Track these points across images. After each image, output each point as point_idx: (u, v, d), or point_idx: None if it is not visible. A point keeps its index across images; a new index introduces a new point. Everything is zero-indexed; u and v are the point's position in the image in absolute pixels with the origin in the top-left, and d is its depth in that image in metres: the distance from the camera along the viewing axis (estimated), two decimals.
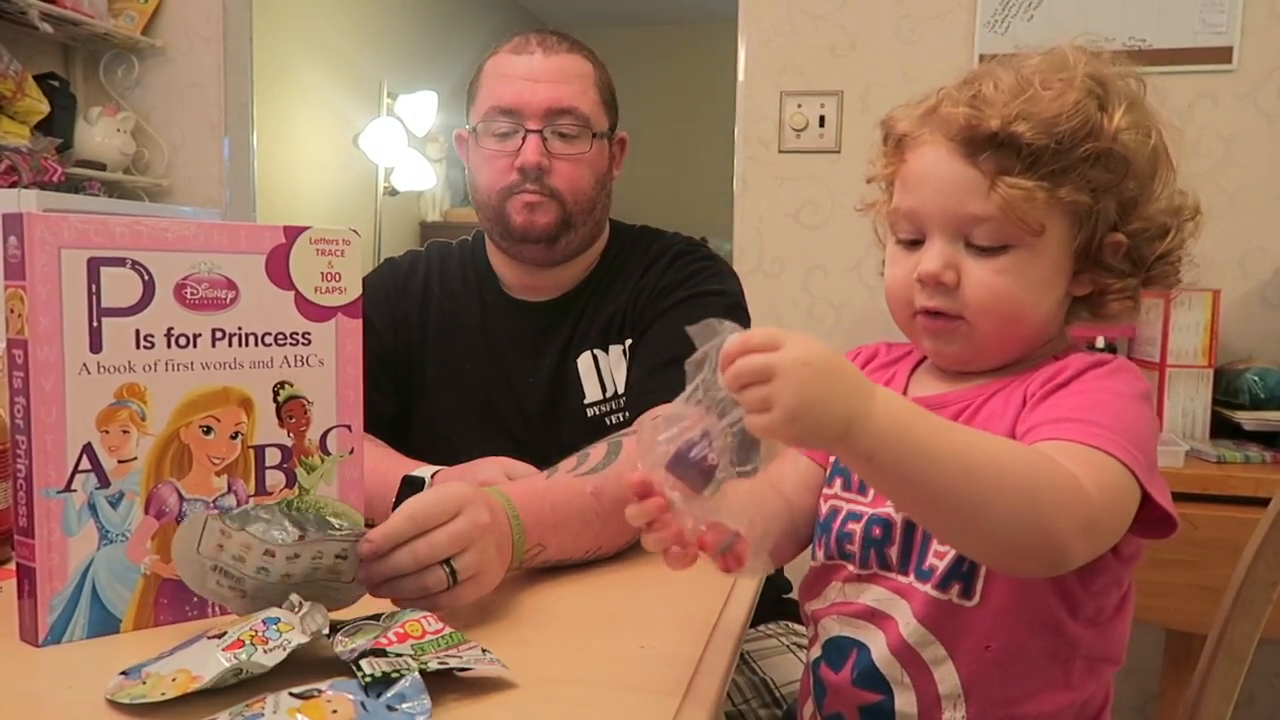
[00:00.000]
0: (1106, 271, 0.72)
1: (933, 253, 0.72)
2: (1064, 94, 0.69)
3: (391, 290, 1.27)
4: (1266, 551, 0.87)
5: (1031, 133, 0.68)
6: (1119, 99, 0.71)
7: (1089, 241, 0.71)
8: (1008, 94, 0.70)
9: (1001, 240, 0.70)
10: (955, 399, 0.76)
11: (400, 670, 0.62)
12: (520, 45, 1.21)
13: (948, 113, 0.71)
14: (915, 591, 0.74)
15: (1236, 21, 2.02)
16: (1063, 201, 0.69)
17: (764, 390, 0.56)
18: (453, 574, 0.76)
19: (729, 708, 1.14)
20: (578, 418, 1.19)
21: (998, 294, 0.71)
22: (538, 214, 1.17)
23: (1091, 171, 0.69)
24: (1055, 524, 0.60)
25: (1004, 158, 0.69)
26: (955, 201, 0.70)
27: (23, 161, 2.22)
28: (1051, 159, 0.68)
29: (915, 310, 0.74)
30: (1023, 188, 0.68)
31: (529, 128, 1.17)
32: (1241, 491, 1.58)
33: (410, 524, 0.76)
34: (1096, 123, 0.69)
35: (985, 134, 0.69)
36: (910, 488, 0.60)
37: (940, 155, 0.71)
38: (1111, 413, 0.67)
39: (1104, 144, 0.69)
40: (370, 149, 4.04)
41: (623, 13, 5.62)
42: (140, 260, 0.74)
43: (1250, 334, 2.03)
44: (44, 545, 0.72)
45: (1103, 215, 0.70)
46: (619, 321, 1.21)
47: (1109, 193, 0.70)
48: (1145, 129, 0.71)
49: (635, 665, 0.72)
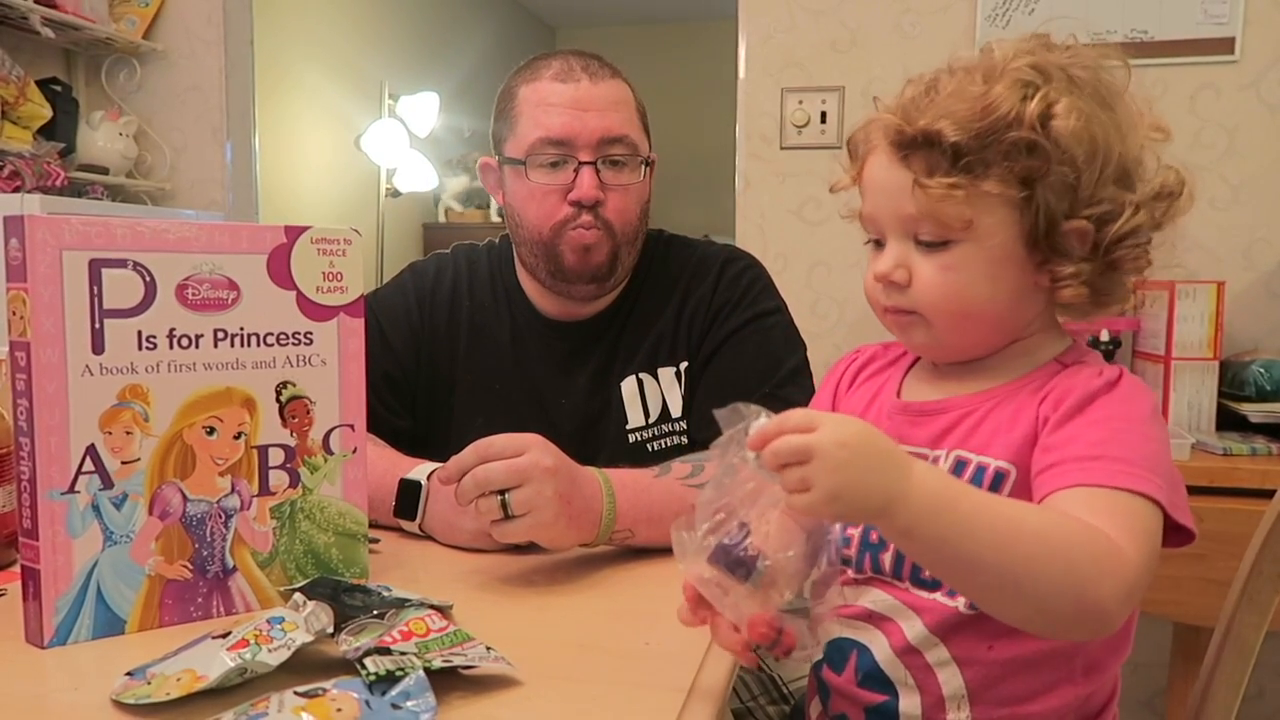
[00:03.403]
0: (1065, 258, 0.72)
1: (885, 254, 0.75)
2: (988, 89, 0.70)
3: (414, 304, 1.23)
4: (1273, 544, 0.86)
5: (952, 129, 0.69)
6: (1055, 85, 0.71)
7: (1038, 229, 0.71)
8: (933, 95, 0.72)
9: (942, 236, 0.72)
10: (956, 405, 0.76)
11: (404, 668, 0.62)
12: (563, 72, 1.15)
13: (883, 119, 0.73)
14: (917, 599, 0.75)
15: (1239, 12, 2.02)
16: (990, 195, 0.69)
17: (803, 471, 0.57)
18: (505, 506, 0.85)
19: (736, 704, 1.13)
20: (617, 442, 1.17)
21: (944, 289, 0.72)
22: (592, 254, 1.15)
23: (1018, 162, 0.69)
24: (1098, 595, 0.61)
25: (932, 157, 0.70)
26: (895, 203, 0.73)
27: (25, 166, 2.23)
28: (972, 154, 0.69)
29: (882, 308, 0.77)
30: (940, 186, 0.69)
31: (582, 159, 1.13)
32: (1248, 484, 1.57)
33: (475, 454, 0.87)
34: (1018, 112, 0.69)
35: (910, 136, 0.71)
36: (948, 562, 0.62)
37: (882, 161, 0.74)
38: (1131, 444, 0.68)
39: (1025, 133, 0.68)
40: (372, 150, 4.04)
41: (623, 12, 5.62)
42: (141, 261, 0.74)
43: (1255, 325, 2.03)
44: (48, 547, 0.72)
45: (1043, 203, 0.70)
46: (668, 343, 1.19)
47: (1042, 180, 0.70)
48: (1081, 113, 0.70)
49: (641, 661, 0.72)
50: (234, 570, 0.80)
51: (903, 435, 0.77)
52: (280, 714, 0.58)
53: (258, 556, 0.81)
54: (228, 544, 0.79)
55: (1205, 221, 2.06)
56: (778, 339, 1.18)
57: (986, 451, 0.73)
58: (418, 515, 1.00)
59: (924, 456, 0.75)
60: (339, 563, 0.85)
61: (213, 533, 0.78)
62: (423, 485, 1.00)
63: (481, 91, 1.57)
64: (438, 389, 1.22)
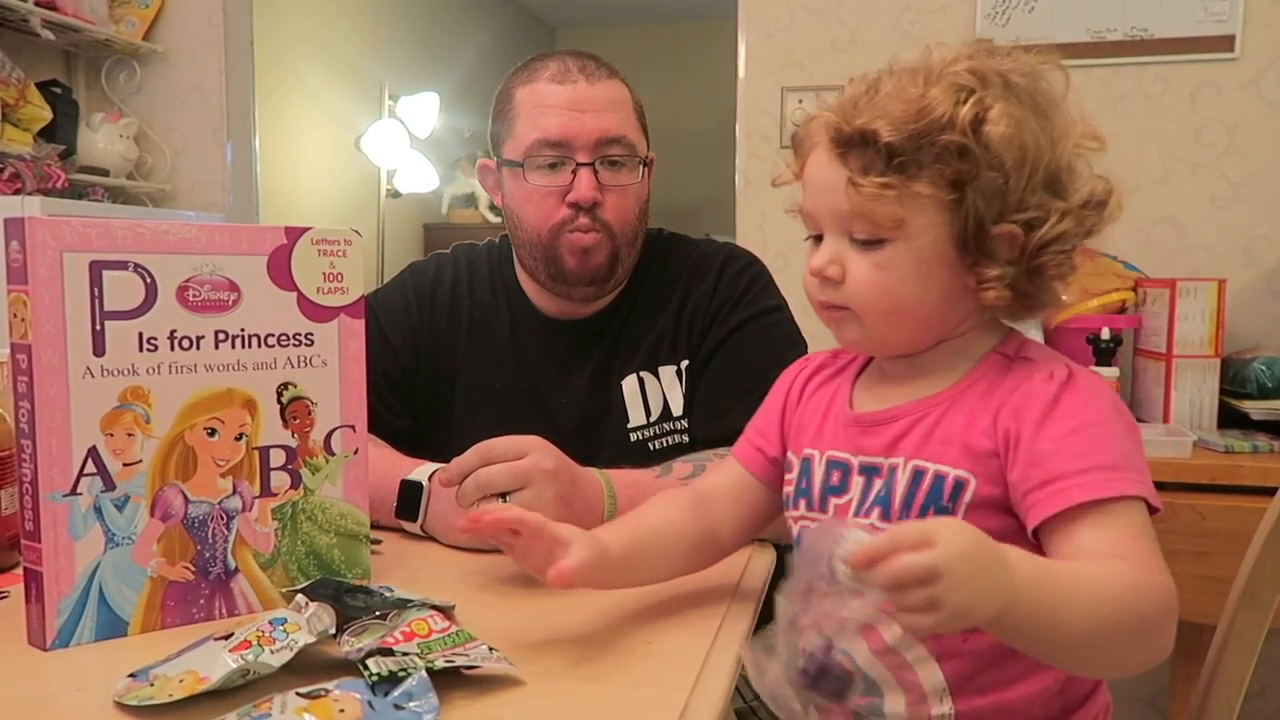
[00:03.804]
0: (989, 261, 0.73)
1: (821, 250, 0.76)
2: (925, 92, 0.71)
3: (414, 303, 1.23)
4: (1275, 542, 0.86)
5: (888, 129, 0.70)
6: (991, 91, 0.71)
7: (967, 232, 0.72)
8: (873, 95, 0.73)
9: (876, 234, 0.73)
10: (906, 412, 0.77)
11: (407, 669, 0.62)
12: (560, 73, 1.15)
13: (823, 117, 0.75)
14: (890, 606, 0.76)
15: (1239, 9, 2.01)
16: (921, 196, 0.70)
17: (929, 592, 0.56)
18: None
19: (739, 704, 1.14)
20: (618, 441, 1.17)
21: (874, 286, 0.74)
22: (591, 255, 1.15)
23: (949, 164, 0.70)
24: (1164, 640, 0.66)
25: (867, 156, 0.71)
26: (832, 200, 0.74)
27: (26, 169, 2.23)
28: (905, 153, 0.70)
29: (817, 303, 0.78)
30: (872, 185, 0.70)
31: (580, 160, 1.13)
32: (1250, 481, 1.57)
33: (477, 457, 0.89)
34: (951, 116, 0.70)
35: (847, 135, 0.72)
36: (1043, 640, 0.63)
37: (821, 158, 0.75)
38: (1110, 447, 0.70)
39: (956, 137, 0.69)
40: (372, 151, 4.04)
41: (623, 11, 5.62)
42: (142, 263, 0.74)
43: (1256, 323, 2.03)
44: (50, 549, 0.72)
45: (973, 206, 0.71)
46: (669, 341, 1.19)
47: (972, 184, 0.71)
48: (1013, 118, 0.71)
49: (643, 661, 0.72)
50: (236, 571, 0.80)
51: (858, 446, 0.78)
52: (283, 715, 0.58)
53: (260, 558, 0.81)
54: (229, 545, 0.79)
55: (1206, 219, 2.06)
56: (778, 337, 1.18)
57: (943, 460, 0.74)
58: (419, 516, 1.00)
59: (879, 465, 0.76)
60: (341, 564, 0.85)
61: (214, 534, 0.78)
62: (424, 486, 1.00)
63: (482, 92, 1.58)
64: (438, 389, 1.23)
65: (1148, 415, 1.86)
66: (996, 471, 0.72)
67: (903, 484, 0.74)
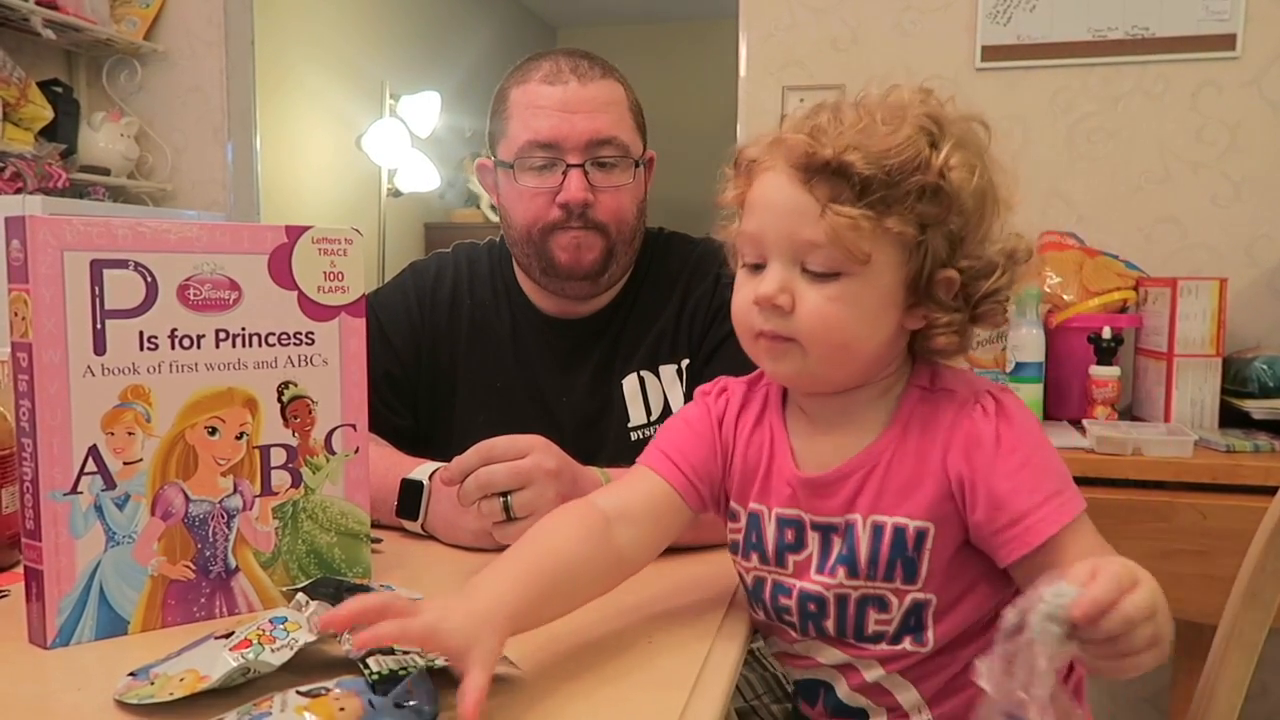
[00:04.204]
0: (937, 306, 0.73)
1: (770, 277, 0.73)
2: (898, 129, 0.71)
3: (414, 303, 1.23)
4: (1277, 541, 0.86)
5: (863, 162, 0.69)
6: (950, 139, 0.72)
7: (919, 274, 0.72)
8: (844, 125, 0.72)
9: (834, 267, 0.71)
10: (854, 467, 0.76)
11: (407, 667, 0.62)
12: (552, 74, 1.14)
13: (789, 140, 0.73)
14: (868, 651, 0.77)
15: (1240, 8, 2.01)
16: (890, 232, 0.70)
17: (1151, 627, 0.58)
18: (508, 509, 0.86)
19: (740, 703, 1.13)
20: (619, 440, 1.17)
21: (828, 320, 0.72)
22: (584, 251, 1.14)
23: (919, 205, 0.70)
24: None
25: (836, 185, 0.70)
26: (791, 225, 0.72)
27: (27, 168, 2.23)
28: (879, 188, 0.70)
29: (756, 332, 0.75)
30: (850, 215, 0.70)
31: (570, 161, 1.12)
32: (1251, 481, 1.57)
33: (478, 456, 0.88)
34: (925, 158, 0.70)
35: (819, 161, 0.71)
36: (1162, 655, 0.63)
37: (780, 181, 0.73)
38: (1050, 469, 0.73)
39: (931, 179, 0.70)
40: (373, 150, 4.04)
41: (624, 10, 5.62)
42: (143, 262, 0.74)
43: (1258, 322, 2.03)
44: (51, 548, 0.72)
45: (931, 249, 0.72)
46: (668, 340, 1.19)
47: (936, 227, 0.71)
48: (973, 168, 0.72)
49: (643, 659, 0.72)
50: (236, 570, 0.80)
51: (810, 506, 0.77)
52: (283, 714, 0.58)
53: (260, 556, 0.81)
54: (230, 544, 0.79)
55: (1207, 218, 2.06)
56: None
57: (898, 512, 0.74)
58: (420, 515, 1.00)
59: (836, 524, 0.76)
60: (341, 563, 0.85)
61: (215, 533, 0.78)
62: (425, 485, 1.00)
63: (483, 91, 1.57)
64: (439, 388, 1.22)
65: (1149, 415, 1.86)
66: (952, 513, 0.73)
67: (865, 541, 0.75)
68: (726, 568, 0.89)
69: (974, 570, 0.75)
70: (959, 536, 0.74)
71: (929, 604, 0.75)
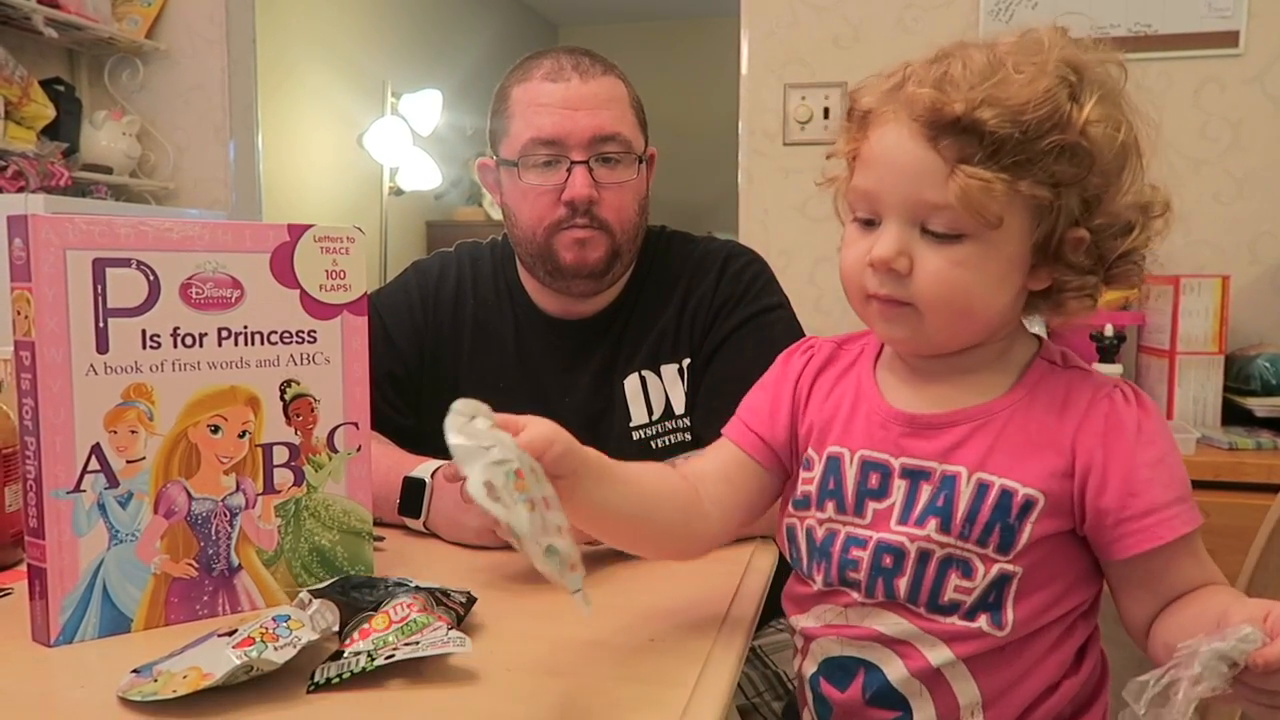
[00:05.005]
0: (1067, 268, 0.69)
1: (887, 238, 0.68)
2: (1035, 80, 0.65)
3: (417, 302, 1.23)
4: (1279, 538, 0.86)
5: (996, 120, 0.64)
6: (1092, 89, 0.67)
7: (1049, 236, 0.68)
8: (976, 76, 0.65)
9: (958, 229, 0.67)
10: (967, 417, 0.72)
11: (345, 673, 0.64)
12: (554, 71, 1.14)
13: (913, 92, 0.67)
14: (939, 626, 0.72)
15: (1242, 5, 2.01)
16: (1023, 194, 0.65)
17: None
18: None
19: (741, 701, 1.13)
20: (621, 440, 1.17)
21: (951, 285, 0.68)
22: (589, 250, 1.14)
23: (1055, 165, 0.65)
24: None
25: (966, 144, 0.65)
26: (913, 186, 0.67)
27: (29, 166, 2.23)
28: (1015, 149, 0.64)
29: (868, 294, 0.71)
30: (982, 178, 0.64)
31: (574, 158, 1.12)
32: (1254, 478, 1.57)
33: None
34: (1065, 113, 0.65)
35: (949, 118, 0.65)
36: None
37: (902, 136, 0.67)
38: (1182, 472, 0.70)
39: (1070, 137, 0.65)
40: (375, 149, 4.04)
41: (625, 8, 5.61)
42: (145, 260, 0.74)
43: (1260, 320, 2.02)
44: (54, 546, 0.72)
45: (1065, 210, 0.67)
46: (670, 340, 1.19)
47: (1072, 187, 0.66)
48: (1116, 122, 0.68)
49: (645, 658, 0.72)
50: (239, 568, 0.80)
51: (903, 447, 0.73)
52: None
53: (263, 554, 0.81)
54: (233, 542, 0.79)
55: (1210, 216, 2.06)
56: (780, 335, 1.18)
57: (1011, 475, 0.70)
58: (422, 513, 1.00)
59: (929, 471, 0.72)
60: (344, 561, 0.85)
61: (218, 531, 0.79)
62: (427, 483, 1.00)
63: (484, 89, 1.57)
64: (442, 387, 1.22)
65: None
66: (1065, 493, 0.69)
67: (966, 497, 0.70)
68: (728, 566, 0.89)
69: (1063, 561, 0.71)
70: (1062, 520, 0.70)
71: (1013, 579, 0.69)
